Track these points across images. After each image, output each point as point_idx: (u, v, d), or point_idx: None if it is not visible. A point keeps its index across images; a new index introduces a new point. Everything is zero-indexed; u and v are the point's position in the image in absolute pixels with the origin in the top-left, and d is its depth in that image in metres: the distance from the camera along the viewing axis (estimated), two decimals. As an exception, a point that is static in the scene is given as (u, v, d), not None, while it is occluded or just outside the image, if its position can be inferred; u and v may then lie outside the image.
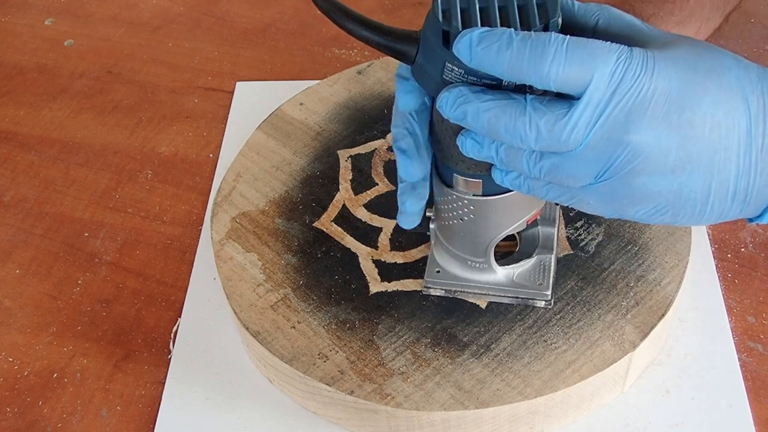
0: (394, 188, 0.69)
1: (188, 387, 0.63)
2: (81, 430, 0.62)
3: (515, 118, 0.43)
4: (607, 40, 0.44)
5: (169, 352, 0.66)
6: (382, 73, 0.78)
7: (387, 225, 0.66)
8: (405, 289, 0.62)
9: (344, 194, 0.69)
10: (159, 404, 0.63)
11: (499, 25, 0.43)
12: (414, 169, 0.52)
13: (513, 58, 0.42)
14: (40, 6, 1.01)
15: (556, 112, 0.43)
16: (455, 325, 0.59)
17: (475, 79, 0.45)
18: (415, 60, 0.47)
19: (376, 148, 0.72)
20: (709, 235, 0.69)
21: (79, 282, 0.72)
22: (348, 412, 0.58)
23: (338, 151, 0.72)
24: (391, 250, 0.64)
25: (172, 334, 0.67)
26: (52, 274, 0.73)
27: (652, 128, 0.42)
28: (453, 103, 0.45)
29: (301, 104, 0.76)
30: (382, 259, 0.64)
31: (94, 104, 0.88)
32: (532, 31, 0.43)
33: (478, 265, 0.59)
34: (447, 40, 0.44)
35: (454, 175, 0.52)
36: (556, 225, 0.62)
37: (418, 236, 0.65)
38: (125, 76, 0.91)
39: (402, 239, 0.65)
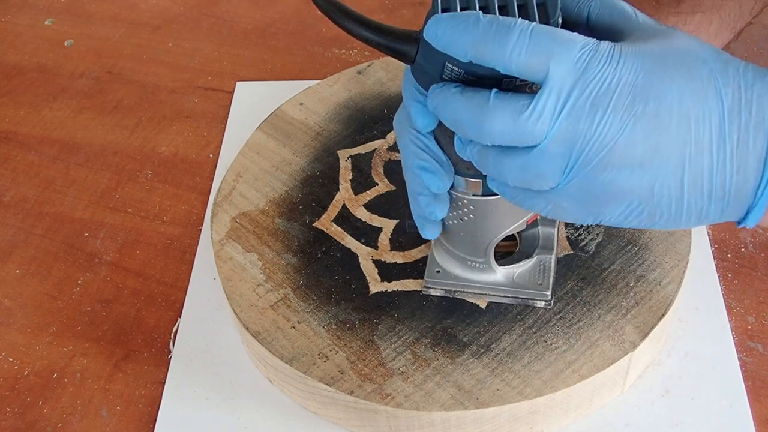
0: (394, 188, 0.69)
1: (188, 387, 0.63)
2: (81, 430, 0.62)
3: (478, 109, 0.43)
4: (599, 32, 0.44)
5: (169, 352, 0.66)
6: (382, 73, 0.78)
7: (387, 225, 0.66)
8: (405, 289, 0.62)
9: (344, 194, 0.69)
10: (159, 404, 0.63)
11: None
12: (442, 181, 0.52)
13: (477, 38, 0.42)
14: (40, 6, 1.01)
15: (521, 102, 0.42)
16: (455, 325, 0.59)
17: (475, 78, 0.45)
18: (415, 60, 0.47)
19: (376, 148, 0.72)
20: (709, 235, 0.69)
21: (79, 282, 0.72)
22: (348, 412, 0.58)
23: (338, 151, 0.72)
24: (391, 250, 0.64)
25: (172, 334, 0.67)
26: (52, 274, 0.73)
27: (616, 118, 0.41)
28: (429, 96, 0.46)
29: (301, 104, 0.76)
30: (382, 259, 0.64)
31: (94, 104, 0.88)
32: (499, 16, 0.43)
33: (478, 265, 0.59)
34: None
35: (455, 175, 0.52)
36: (556, 225, 0.62)
37: (419, 236, 0.65)
38: (125, 76, 0.91)
39: (402, 239, 0.65)
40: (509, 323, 0.59)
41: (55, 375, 0.66)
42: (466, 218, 0.55)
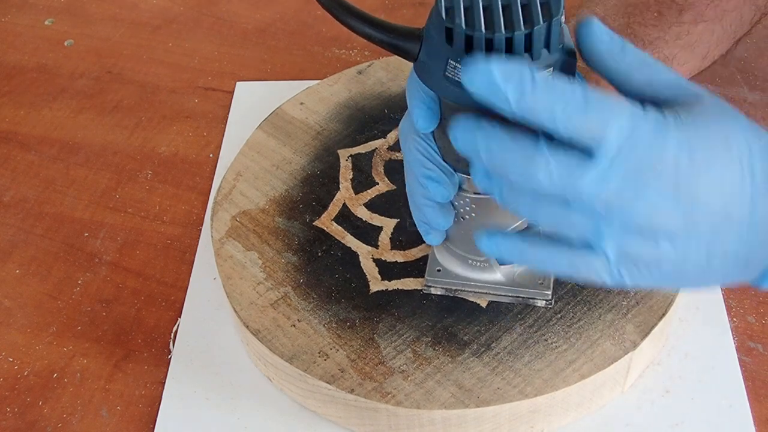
0: (394, 187, 0.69)
1: (188, 387, 0.63)
2: (81, 430, 0.62)
3: (530, 154, 0.42)
4: (634, 91, 0.44)
5: (169, 352, 0.66)
6: (383, 73, 0.78)
7: (387, 224, 0.66)
8: (405, 288, 0.62)
9: (345, 193, 0.69)
10: (159, 404, 0.63)
11: (502, 23, 0.43)
12: (447, 191, 0.52)
13: (528, 97, 0.41)
14: (40, 6, 1.01)
15: (572, 158, 0.41)
16: (456, 324, 0.59)
17: None
18: (417, 57, 0.47)
19: (376, 148, 0.72)
20: (709, 235, 0.69)
21: (79, 282, 0.72)
22: (348, 410, 0.58)
23: (338, 151, 0.72)
24: (391, 249, 0.64)
25: (172, 334, 0.67)
26: (52, 274, 0.73)
27: (659, 193, 0.41)
28: (465, 130, 0.43)
29: (302, 104, 0.76)
30: (383, 258, 0.64)
31: (94, 104, 0.88)
32: (551, 70, 0.43)
33: (479, 264, 0.59)
34: (450, 37, 0.45)
35: (456, 173, 0.52)
36: None
37: (420, 235, 0.65)
38: (125, 76, 0.91)
39: (402, 238, 0.65)
40: (510, 322, 0.59)
41: (55, 375, 0.66)
42: (467, 216, 0.55)
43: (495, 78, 0.40)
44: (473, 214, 0.55)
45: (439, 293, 0.61)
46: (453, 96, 0.47)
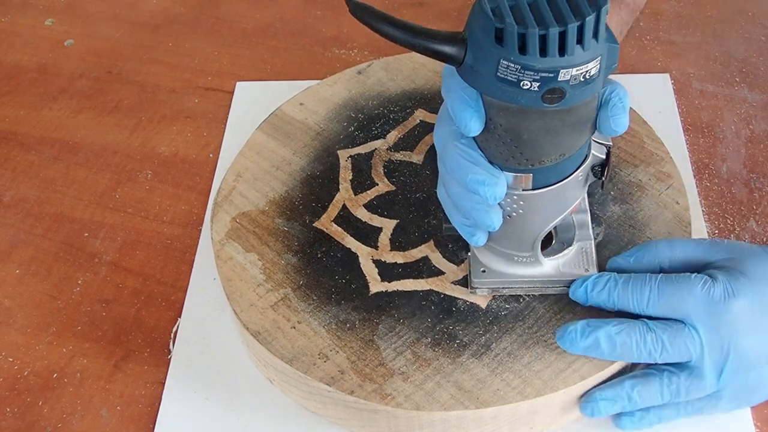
0: (394, 188, 0.69)
1: (188, 387, 0.63)
2: (81, 430, 0.62)
3: (644, 335, 0.54)
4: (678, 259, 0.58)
5: (169, 352, 0.66)
6: (382, 73, 0.78)
7: (387, 225, 0.66)
8: (405, 289, 0.62)
9: (344, 194, 0.69)
10: (159, 404, 0.63)
11: (553, 18, 0.44)
12: (499, 191, 0.52)
13: (620, 296, 0.56)
14: (40, 6, 1.01)
15: (674, 327, 0.54)
16: (455, 325, 0.59)
17: (532, 74, 0.45)
18: (463, 61, 0.47)
19: (376, 148, 0.72)
20: (709, 236, 0.69)
21: (79, 282, 0.72)
22: (348, 412, 0.58)
23: (338, 151, 0.72)
24: (391, 250, 0.64)
25: (172, 334, 0.67)
26: (52, 274, 0.73)
27: (747, 336, 0.53)
28: (583, 332, 0.55)
29: (301, 104, 0.76)
30: (383, 259, 0.64)
31: (94, 104, 0.88)
32: (631, 275, 0.55)
33: (524, 259, 0.59)
34: (500, 37, 0.45)
35: (503, 172, 0.52)
36: (587, 210, 0.63)
37: (420, 236, 0.65)
38: (125, 76, 0.91)
39: (402, 239, 0.65)
40: (509, 323, 0.59)
41: (55, 375, 0.66)
42: (514, 214, 0.55)
43: (588, 288, 0.57)
44: (520, 211, 0.55)
45: (485, 295, 0.61)
46: (507, 96, 0.47)
